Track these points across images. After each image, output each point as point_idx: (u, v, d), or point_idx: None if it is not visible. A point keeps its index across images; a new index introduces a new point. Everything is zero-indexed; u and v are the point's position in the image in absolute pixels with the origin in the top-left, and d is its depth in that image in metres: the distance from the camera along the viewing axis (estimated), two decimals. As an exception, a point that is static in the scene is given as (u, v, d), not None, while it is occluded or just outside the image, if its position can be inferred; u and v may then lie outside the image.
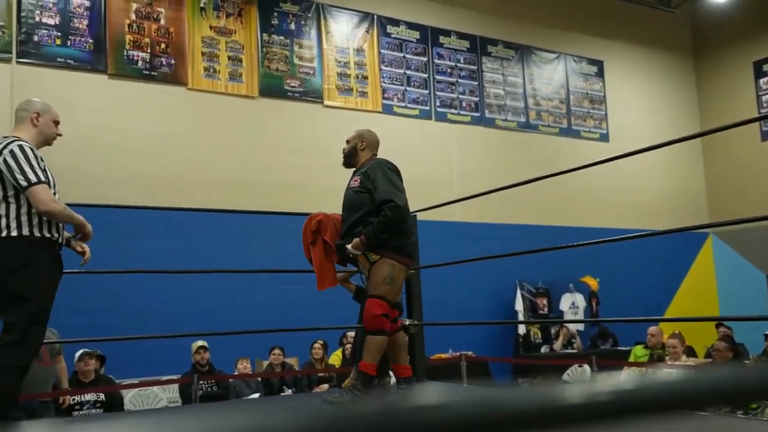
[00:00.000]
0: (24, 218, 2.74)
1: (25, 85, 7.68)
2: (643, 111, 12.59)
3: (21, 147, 2.77)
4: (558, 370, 8.23)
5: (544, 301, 10.48)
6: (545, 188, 10.68)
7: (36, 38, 7.90)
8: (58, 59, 7.98)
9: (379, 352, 3.40)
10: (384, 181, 3.49)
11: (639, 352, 7.03)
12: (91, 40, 8.21)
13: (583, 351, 9.44)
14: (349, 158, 3.78)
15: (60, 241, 2.89)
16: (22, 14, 7.85)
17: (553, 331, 10.00)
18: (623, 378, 0.72)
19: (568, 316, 10.36)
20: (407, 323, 4.22)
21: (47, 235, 2.80)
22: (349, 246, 3.41)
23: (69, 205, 4.14)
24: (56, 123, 3.03)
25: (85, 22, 8.21)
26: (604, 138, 12.06)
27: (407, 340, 3.67)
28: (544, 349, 9.85)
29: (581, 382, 0.74)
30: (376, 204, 3.42)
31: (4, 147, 2.77)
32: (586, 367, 7.18)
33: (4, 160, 2.72)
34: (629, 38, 12.66)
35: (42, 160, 2.86)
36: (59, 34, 8.03)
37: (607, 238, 3.97)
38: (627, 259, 11.03)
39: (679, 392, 0.72)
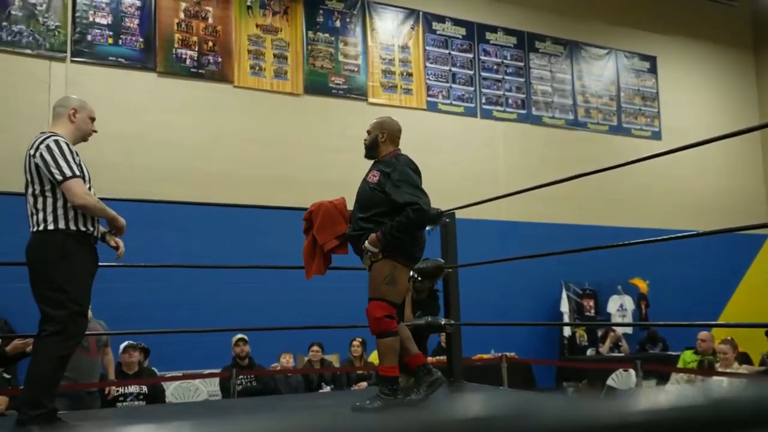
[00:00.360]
0: (60, 212, 2.80)
1: (79, 84, 7.89)
2: (699, 108, 12.16)
3: (57, 142, 2.83)
4: (603, 375, 8.02)
5: (591, 303, 10.23)
6: (594, 187, 10.47)
7: (89, 38, 8.12)
8: (110, 58, 8.19)
9: (394, 352, 3.33)
10: (408, 182, 3.38)
11: (688, 357, 6.79)
12: (141, 39, 8.39)
13: (630, 355, 9.17)
14: (370, 151, 3.62)
15: (96, 234, 2.94)
16: (77, 14, 8.08)
17: (599, 333, 9.75)
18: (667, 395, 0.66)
19: (615, 319, 10.09)
20: (443, 322, 4.17)
21: (83, 228, 2.85)
22: (367, 243, 3.34)
23: (116, 200, 4.23)
24: (92, 119, 3.08)
25: (136, 21, 8.40)
26: (656, 136, 11.70)
27: (409, 333, 3.55)
28: (590, 352, 9.62)
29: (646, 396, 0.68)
30: (399, 204, 3.31)
31: (41, 142, 2.84)
32: (632, 372, 6.97)
33: (41, 155, 2.79)
34: (684, 33, 12.25)
35: (77, 154, 2.91)
36: (111, 33, 8.24)
37: (658, 238, 3.74)
38: (679, 261, 10.67)
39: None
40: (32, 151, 2.84)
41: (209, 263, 6.79)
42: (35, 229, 2.84)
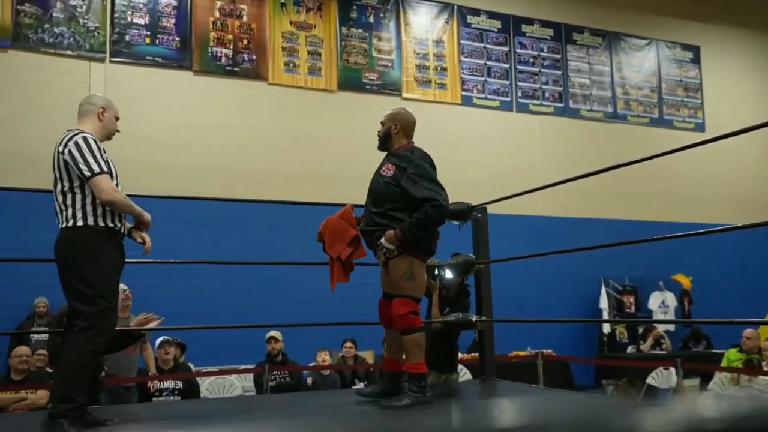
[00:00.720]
0: (89, 208, 2.83)
1: (118, 83, 8.05)
2: (745, 99, 11.76)
3: (85, 138, 2.87)
4: (644, 373, 7.83)
5: (631, 300, 10.01)
6: (634, 181, 10.23)
7: (127, 38, 8.26)
8: (147, 57, 8.32)
9: (420, 348, 3.29)
10: (425, 177, 3.31)
11: (732, 356, 6.57)
12: (177, 38, 8.51)
13: (673, 353, 8.93)
14: (384, 143, 3.54)
15: (123, 231, 2.97)
16: (115, 15, 8.23)
17: (640, 331, 9.52)
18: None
19: (657, 316, 9.85)
20: (474, 319, 4.11)
21: (110, 224, 2.88)
22: (383, 240, 3.28)
23: (153, 197, 4.27)
24: (117, 119, 3.11)
25: (173, 20, 8.52)
26: (700, 128, 11.37)
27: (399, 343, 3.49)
28: (630, 350, 9.40)
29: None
30: (417, 200, 3.25)
31: (70, 139, 2.87)
32: (672, 370, 6.79)
33: (69, 151, 2.82)
34: (729, 21, 11.86)
35: (104, 151, 2.94)
36: (148, 33, 8.37)
37: (700, 231, 3.48)
38: (724, 256, 10.36)
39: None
40: (61, 148, 2.88)
41: (243, 259, 6.85)
42: (64, 225, 2.87)
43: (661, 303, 10.07)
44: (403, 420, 3.02)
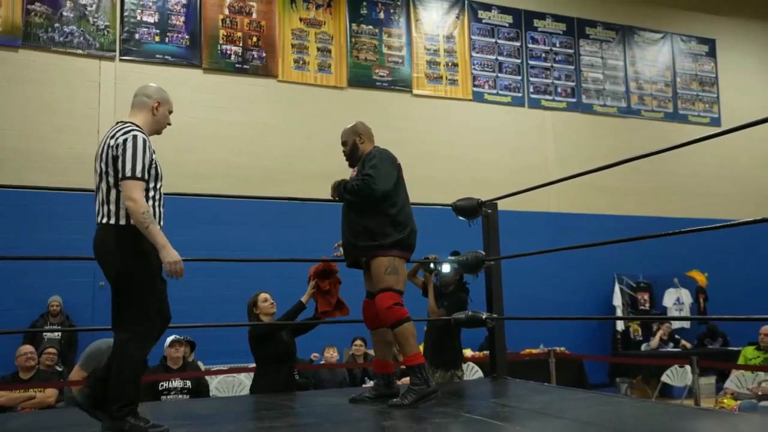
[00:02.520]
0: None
1: (127, 82, 8.04)
2: (761, 92, 11.58)
3: (136, 138, 2.71)
4: (659, 371, 7.72)
5: (646, 296, 9.88)
6: (648, 176, 10.11)
7: (137, 36, 8.26)
8: (157, 55, 8.31)
9: (413, 337, 3.29)
10: (373, 165, 3.39)
11: (750, 353, 6.46)
12: (187, 36, 8.50)
13: (689, 350, 8.82)
14: (353, 156, 3.61)
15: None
16: (125, 14, 8.23)
17: (654, 328, 9.41)
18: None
19: (672, 313, 9.73)
20: (484, 317, 4.05)
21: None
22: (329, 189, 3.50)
23: (166, 194, 4.24)
24: (170, 113, 3.03)
25: (182, 18, 8.50)
26: (716, 122, 11.20)
27: (391, 340, 3.46)
28: (645, 347, 9.29)
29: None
30: (360, 176, 3.39)
31: (124, 133, 2.75)
32: (687, 368, 6.68)
33: (120, 146, 2.70)
34: (745, 14, 11.68)
35: (154, 152, 2.82)
36: (158, 31, 8.36)
37: (713, 225, 3.41)
38: (740, 253, 10.20)
39: None
40: (111, 141, 2.74)
41: (255, 257, 6.82)
42: (105, 221, 2.74)
43: (676, 300, 9.94)
44: (413, 419, 2.97)
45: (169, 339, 5.65)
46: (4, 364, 6.38)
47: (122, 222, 2.73)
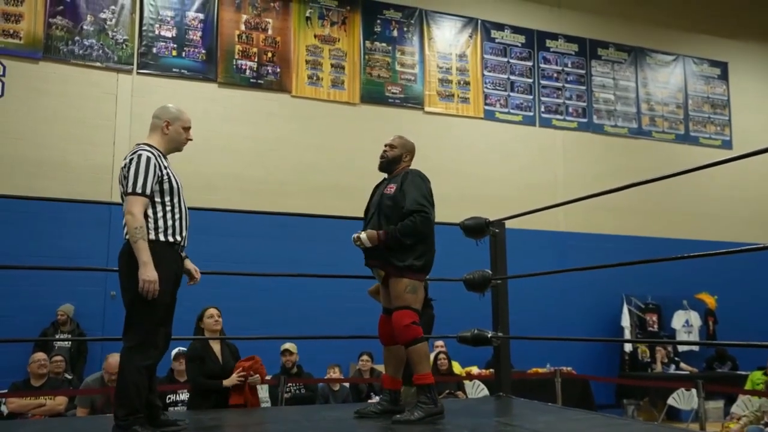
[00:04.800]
0: (150, 224, 2.86)
1: (144, 94, 8.19)
2: (773, 116, 11.59)
3: (140, 156, 2.91)
4: (666, 393, 7.69)
5: (654, 318, 9.86)
6: (659, 198, 10.11)
7: (155, 50, 8.41)
8: (174, 69, 8.45)
9: (427, 358, 3.35)
10: (419, 192, 3.43)
11: (756, 378, 6.43)
12: (203, 51, 8.64)
13: (697, 374, 8.77)
14: (391, 165, 3.67)
15: (183, 244, 3.03)
16: (144, 28, 8.38)
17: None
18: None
19: (680, 335, 9.69)
20: (489, 335, 4.08)
21: (171, 239, 2.93)
22: (363, 234, 3.38)
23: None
24: (186, 129, 3.14)
25: (199, 34, 8.65)
26: (727, 145, 11.21)
27: (404, 356, 3.49)
28: (650, 370, 9.24)
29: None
30: (404, 211, 3.36)
31: (132, 154, 2.96)
32: (694, 391, 6.65)
33: (127, 166, 2.90)
34: (758, 38, 11.71)
35: (167, 167, 2.99)
36: (175, 45, 8.51)
37: (725, 250, 3.39)
38: (750, 276, 10.15)
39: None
40: (122, 163, 2.97)
41: (262, 271, 6.89)
42: (128, 238, 2.90)
43: (685, 322, 9.91)
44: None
45: (174, 352, 5.72)
46: (15, 371, 6.47)
47: (149, 236, 2.84)
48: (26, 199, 5.47)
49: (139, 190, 2.85)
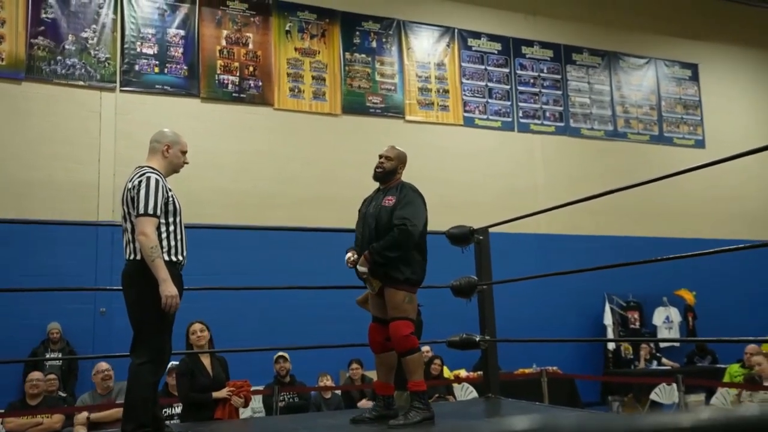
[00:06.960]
0: (164, 242, 2.98)
1: (128, 112, 8.27)
2: (744, 115, 11.92)
3: (149, 179, 3.04)
4: (649, 389, 7.90)
5: (636, 315, 10.09)
6: (636, 198, 10.33)
7: (137, 67, 8.49)
8: (156, 86, 8.53)
9: (421, 367, 3.52)
10: (411, 209, 3.54)
11: (734, 371, 6.66)
12: (185, 67, 8.73)
13: (677, 368, 9.01)
14: (387, 176, 3.78)
15: (184, 263, 3.14)
16: (125, 46, 8.46)
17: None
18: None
19: (661, 331, 9.93)
20: (477, 339, 4.23)
21: (174, 259, 3.05)
22: (360, 268, 3.50)
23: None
24: (184, 153, 3.27)
25: (180, 50, 8.74)
26: (700, 144, 11.51)
27: (394, 363, 3.65)
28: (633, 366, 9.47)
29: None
30: (392, 224, 3.48)
31: (140, 176, 3.07)
32: (675, 386, 6.86)
33: (136, 188, 3.00)
34: (727, 39, 12.04)
35: (169, 190, 3.11)
36: (157, 62, 8.59)
37: (705, 251, 3.56)
38: (728, 271, 10.42)
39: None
40: (130, 185, 3.06)
41: (251, 283, 6.98)
42: (132, 257, 3.01)
43: (666, 318, 10.15)
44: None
45: (169, 366, 5.79)
46: (8, 391, 6.51)
47: (138, 257, 2.98)
48: (12, 222, 5.52)
49: (150, 211, 2.97)
